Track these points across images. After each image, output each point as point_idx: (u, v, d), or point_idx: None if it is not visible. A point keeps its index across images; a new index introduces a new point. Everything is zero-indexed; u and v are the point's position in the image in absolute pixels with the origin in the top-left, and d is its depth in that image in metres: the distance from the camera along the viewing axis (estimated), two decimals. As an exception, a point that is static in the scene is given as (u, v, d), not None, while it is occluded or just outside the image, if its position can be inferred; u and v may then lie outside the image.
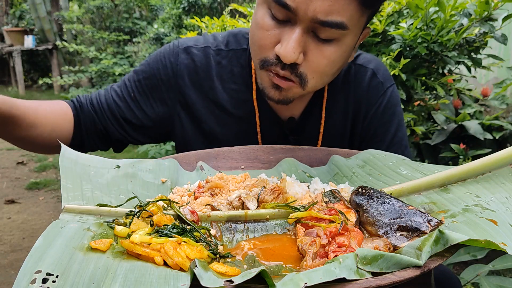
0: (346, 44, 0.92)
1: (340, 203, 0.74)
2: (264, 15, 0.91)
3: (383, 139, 1.12)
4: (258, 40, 0.93)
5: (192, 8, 4.46)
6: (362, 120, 1.13)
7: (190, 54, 1.12)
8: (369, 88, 1.12)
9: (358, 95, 1.12)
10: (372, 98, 1.12)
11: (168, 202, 0.74)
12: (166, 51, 1.15)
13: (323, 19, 0.84)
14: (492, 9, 1.60)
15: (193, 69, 1.12)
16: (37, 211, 3.43)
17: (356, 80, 1.13)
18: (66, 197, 0.74)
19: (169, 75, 1.12)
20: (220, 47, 1.13)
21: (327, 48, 0.90)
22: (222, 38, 1.15)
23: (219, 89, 1.12)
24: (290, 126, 1.12)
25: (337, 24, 0.85)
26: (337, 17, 0.85)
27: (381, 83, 1.13)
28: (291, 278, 0.52)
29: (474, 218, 0.66)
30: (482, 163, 0.77)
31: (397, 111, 1.14)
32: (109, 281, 0.52)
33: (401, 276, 0.54)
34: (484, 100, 2.69)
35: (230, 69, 1.12)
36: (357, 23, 0.89)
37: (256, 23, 0.93)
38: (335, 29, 0.86)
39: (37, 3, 8.01)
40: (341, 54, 0.92)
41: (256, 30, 0.93)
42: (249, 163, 1.02)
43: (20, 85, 8.46)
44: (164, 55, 1.14)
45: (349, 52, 0.95)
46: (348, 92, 1.12)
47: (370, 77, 1.12)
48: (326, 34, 0.87)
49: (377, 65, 1.14)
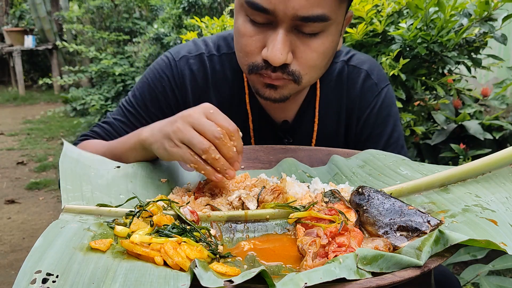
0: (332, 33, 0.91)
1: (340, 203, 0.74)
2: (244, 22, 0.90)
3: (378, 140, 1.11)
4: (243, 48, 0.92)
5: (192, 8, 4.46)
6: (357, 122, 1.12)
7: (188, 65, 1.11)
8: (363, 89, 1.12)
9: (352, 96, 1.12)
10: (367, 99, 1.12)
11: (168, 202, 0.74)
12: (162, 66, 1.12)
13: (303, 15, 0.84)
14: (492, 9, 1.60)
15: (193, 78, 1.11)
16: (37, 211, 3.43)
17: (350, 81, 1.12)
18: (66, 197, 0.74)
19: (173, 89, 1.11)
20: (212, 52, 1.12)
21: (314, 42, 0.89)
22: (212, 43, 1.14)
23: (214, 95, 1.11)
24: (284, 129, 1.12)
25: (319, 17, 0.85)
26: (317, 10, 0.84)
27: (375, 84, 1.12)
28: (291, 278, 0.52)
29: (474, 218, 0.66)
30: (482, 163, 0.77)
31: (392, 111, 1.13)
32: (109, 281, 0.52)
33: (401, 276, 0.54)
34: (484, 100, 2.69)
35: (223, 74, 1.11)
36: (338, 11, 0.89)
37: (238, 31, 0.92)
38: (317, 22, 0.86)
39: (37, 3, 8.01)
40: (329, 44, 0.92)
41: (239, 38, 0.92)
42: (249, 163, 1.02)
43: (20, 85, 8.46)
44: (162, 70, 1.12)
45: (336, 40, 0.95)
46: (342, 94, 1.12)
47: (364, 78, 1.12)
48: (310, 28, 0.87)
49: (371, 66, 1.13)
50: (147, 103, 1.11)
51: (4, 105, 7.83)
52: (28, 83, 9.66)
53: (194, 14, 4.44)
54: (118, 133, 1.11)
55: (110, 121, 1.15)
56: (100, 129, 1.14)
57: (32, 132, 5.85)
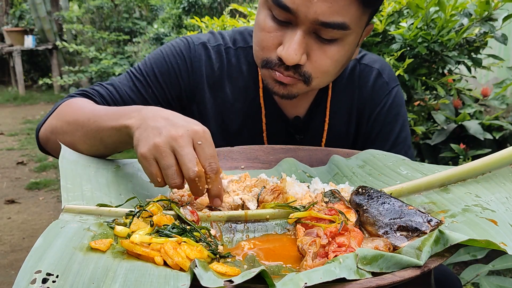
0: (349, 43, 0.92)
1: (340, 203, 0.74)
2: (265, 17, 0.91)
3: (387, 138, 1.12)
4: (260, 42, 0.93)
5: (192, 8, 4.46)
6: (367, 119, 1.13)
7: (207, 51, 1.11)
8: (374, 87, 1.12)
9: (363, 94, 1.13)
10: (377, 97, 1.12)
11: (168, 202, 0.74)
12: (181, 45, 1.11)
13: (324, 21, 0.84)
14: (492, 9, 1.60)
15: (210, 66, 1.10)
16: (37, 211, 3.43)
17: (361, 79, 1.13)
18: (66, 197, 0.74)
19: (188, 71, 1.09)
20: (229, 45, 1.13)
21: (330, 48, 0.90)
22: (228, 36, 1.14)
23: (228, 88, 1.11)
24: (296, 125, 1.12)
25: (339, 25, 0.85)
26: (338, 17, 0.84)
27: (386, 83, 1.13)
28: (291, 278, 0.52)
29: (474, 218, 0.66)
30: (482, 163, 0.77)
31: (401, 111, 1.14)
32: (109, 281, 0.52)
33: (401, 276, 0.54)
34: (484, 100, 2.69)
35: (239, 67, 1.11)
36: (359, 22, 0.89)
37: (258, 25, 0.93)
38: (337, 29, 0.86)
39: (37, 3, 8.01)
40: (344, 53, 0.93)
41: (258, 31, 0.93)
42: (249, 163, 1.02)
43: (20, 85, 8.46)
44: (180, 49, 1.10)
45: (352, 50, 0.95)
46: (353, 91, 1.13)
47: (375, 77, 1.13)
48: (329, 34, 0.88)
49: (382, 65, 1.15)
50: (158, 74, 1.08)
51: (4, 105, 7.84)
52: (28, 83, 9.65)
53: (194, 14, 4.44)
54: (123, 99, 1.06)
55: (116, 84, 1.08)
56: (103, 89, 1.07)
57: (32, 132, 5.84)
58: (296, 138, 1.12)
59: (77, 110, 0.95)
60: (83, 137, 0.90)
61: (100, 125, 0.88)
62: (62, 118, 0.96)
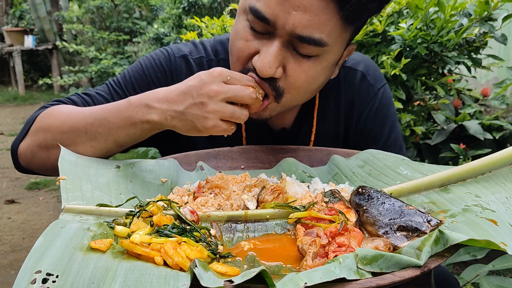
0: (327, 60, 0.89)
1: (340, 203, 0.74)
2: (244, 26, 0.89)
3: (377, 141, 1.11)
4: (236, 51, 0.91)
5: (192, 8, 4.46)
6: (355, 123, 1.12)
7: (187, 64, 1.08)
8: (359, 91, 1.10)
9: (349, 98, 1.10)
10: (363, 101, 1.10)
11: (168, 202, 0.74)
12: (161, 58, 1.09)
13: (301, 34, 0.82)
14: (492, 9, 1.60)
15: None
16: (37, 211, 3.43)
17: (346, 83, 1.11)
18: (66, 197, 0.74)
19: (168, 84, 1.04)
20: (211, 57, 1.10)
21: (306, 63, 0.87)
22: (210, 47, 1.12)
23: None
24: (283, 137, 1.11)
25: (315, 41, 0.83)
26: (316, 33, 0.82)
27: (372, 85, 1.11)
28: (291, 278, 0.52)
29: (474, 218, 0.66)
30: (482, 163, 0.77)
31: (389, 112, 1.12)
32: (109, 281, 0.52)
33: (401, 276, 0.54)
34: (484, 100, 2.69)
35: None
36: (338, 39, 0.87)
37: (236, 33, 0.91)
38: (313, 46, 0.84)
39: (37, 3, 8.01)
40: (321, 70, 0.90)
41: (236, 40, 0.91)
42: (249, 163, 1.02)
43: (20, 85, 8.47)
44: (160, 62, 1.08)
45: (330, 69, 0.93)
46: (339, 96, 1.10)
47: (359, 80, 1.10)
48: (305, 50, 0.85)
49: (366, 66, 1.12)
50: (137, 88, 1.06)
51: (4, 105, 7.84)
52: (28, 83, 9.66)
53: (194, 14, 4.44)
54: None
55: (92, 94, 1.06)
56: (78, 98, 1.05)
57: (32, 132, 5.84)
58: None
59: (69, 118, 0.93)
60: (89, 142, 0.90)
61: (110, 127, 0.89)
62: (50, 129, 0.94)
